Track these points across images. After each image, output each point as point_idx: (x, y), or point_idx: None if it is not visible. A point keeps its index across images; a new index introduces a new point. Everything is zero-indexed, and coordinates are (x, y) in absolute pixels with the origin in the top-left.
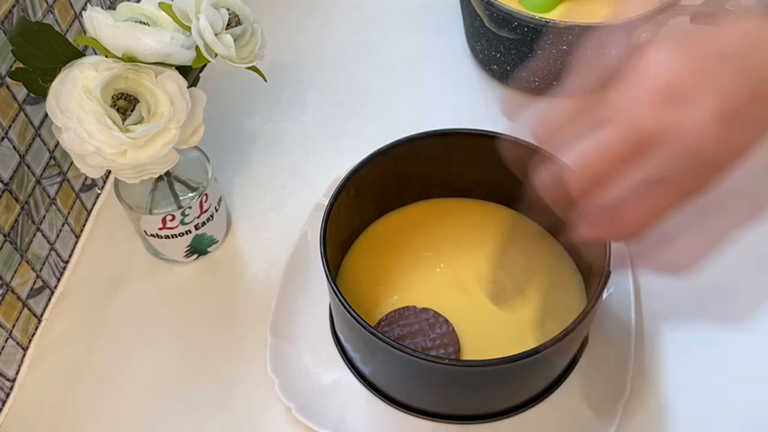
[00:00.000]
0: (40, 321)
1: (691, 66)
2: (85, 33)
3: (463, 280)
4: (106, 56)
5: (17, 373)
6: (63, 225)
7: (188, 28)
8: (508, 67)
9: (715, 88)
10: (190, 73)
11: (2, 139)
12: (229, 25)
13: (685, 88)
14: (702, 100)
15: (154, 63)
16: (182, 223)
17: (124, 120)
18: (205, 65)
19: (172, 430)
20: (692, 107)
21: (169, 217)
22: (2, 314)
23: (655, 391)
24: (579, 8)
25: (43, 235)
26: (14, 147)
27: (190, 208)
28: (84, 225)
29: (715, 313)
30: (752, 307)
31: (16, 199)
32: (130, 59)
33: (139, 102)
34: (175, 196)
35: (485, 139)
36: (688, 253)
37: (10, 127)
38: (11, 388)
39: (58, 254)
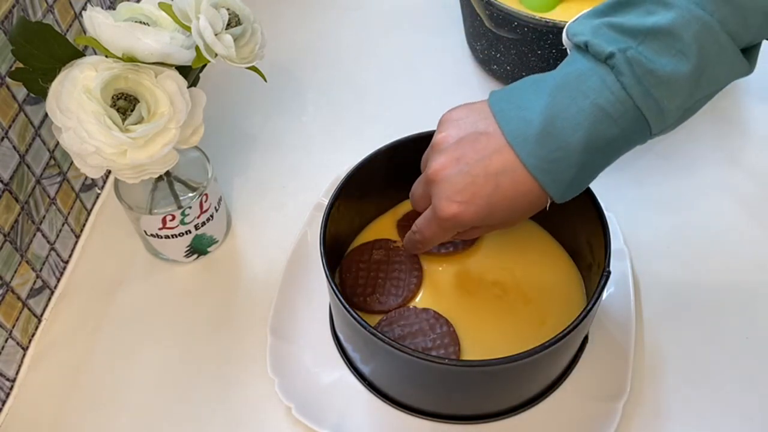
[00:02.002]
0: (40, 321)
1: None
2: (85, 33)
3: (464, 280)
4: (106, 56)
5: (17, 373)
6: (63, 225)
7: (188, 28)
8: (508, 67)
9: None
10: (190, 73)
11: (2, 139)
12: (229, 25)
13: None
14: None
15: (154, 63)
16: (182, 223)
17: (124, 120)
18: (205, 65)
19: (172, 430)
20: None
21: (169, 217)
22: (2, 314)
23: (655, 391)
24: (579, 8)
25: (43, 235)
26: (14, 147)
27: (190, 208)
28: (84, 225)
29: (714, 313)
30: (750, 306)
31: (16, 199)
32: (130, 59)
33: (139, 102)
34: (175, 196)
35: None
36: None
37: (10, 127)
38: (11, 388)
39: (58, 254)
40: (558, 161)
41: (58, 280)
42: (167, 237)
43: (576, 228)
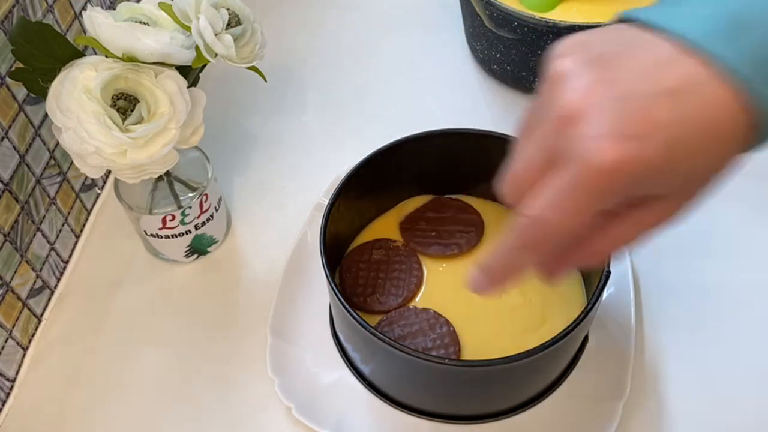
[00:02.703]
0: (40, 321)
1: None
2: (85, 33)
3: (464, 280)
4: (106, 56)
5: (17, 373)
6: (63, 225)
7: (188, 28)
8: (508, 67)
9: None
10: (190, 73)
11: (2, 139)
12: (229, 25)
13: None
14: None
15: (154, 63)
16: (182, 223)
17: (124, 120)
18: (205, 65)
19: (172, 430)
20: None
21: (169, 217)
22: (2, 314)
23: (655, 391)
24: (579, 8)
25: (43, 235)
26: (14, 147)
27: (190, 208)
28: (84, 225)
29: (714, 313)
30: (751, 307)
31: (16, 199)
32: (130, 59)
33: (139, 102)
34: (175, 196)
35: (485, 138)
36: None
37: (10, 127)
38: (11, 388)
39: (58, 254)
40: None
41: (58, 280)
42: (167, 237)
43: None
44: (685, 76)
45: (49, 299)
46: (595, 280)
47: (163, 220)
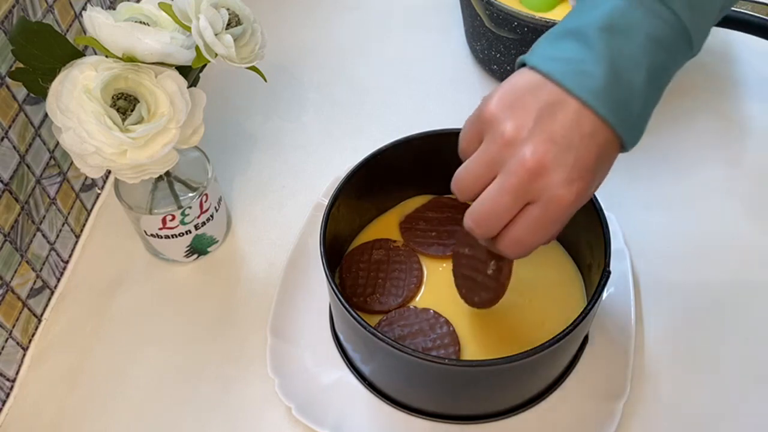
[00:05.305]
0: (40, 321)
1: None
2: (85, 33)
3: None
4: (106, 56)
5: (17, 373)
6: (63, 225)
7: (188, 28)
8: (508, 67)
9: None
10: (190, 73)
11: (2, 139)
12: (229, 25)
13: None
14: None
15: (154, 63)
16: (182, 223)
17: (124, 120)
18: (205, 65)
19: (172, 430)
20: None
21: (169, 217)
22: (2, 314)
23: (655, 391)
24: None
25: (43, 235)
26: (14, 147)
27: (190, 208)
28: (84, 225)
29: (714, 313)
30: (750, 307)
31: (16, 199)
32: (130, 59)
33: (139, 102)
34: (175, 196)
35: None
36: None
37: (10, 127)
38: (11, 388)
39: (58, 254)
40: (628, 104)
41: (58, 280)
42: (167, 237)
43: (576, 228)
44: (593, 123)
45: (49, 299)
46: (595, 280)
47: (163, 220)
